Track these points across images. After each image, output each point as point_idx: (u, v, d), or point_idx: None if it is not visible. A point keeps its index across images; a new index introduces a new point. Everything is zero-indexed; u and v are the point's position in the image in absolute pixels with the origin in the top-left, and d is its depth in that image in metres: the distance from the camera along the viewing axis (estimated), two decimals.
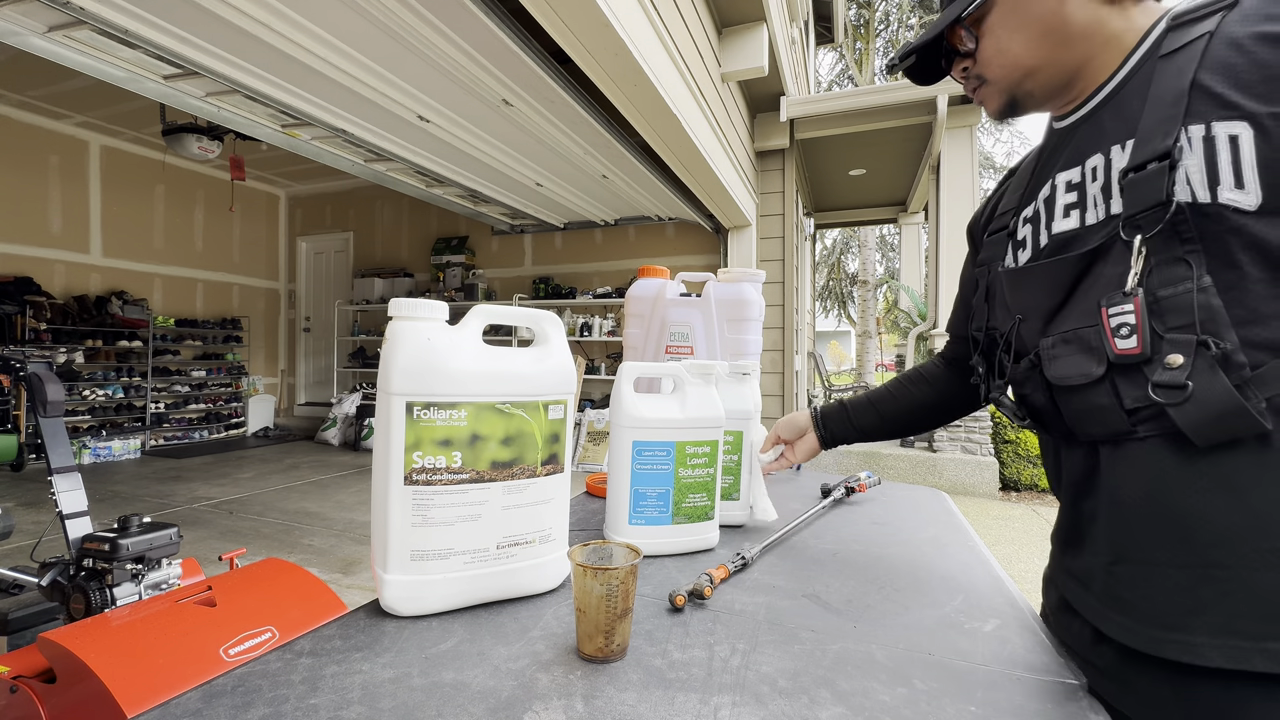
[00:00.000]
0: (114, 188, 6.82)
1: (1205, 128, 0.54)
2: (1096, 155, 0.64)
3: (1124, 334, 0.57)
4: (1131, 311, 0.57)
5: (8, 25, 2.64)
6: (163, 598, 1.39)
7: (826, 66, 17.43)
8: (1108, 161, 0.62)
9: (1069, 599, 0.71)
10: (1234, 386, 0.52)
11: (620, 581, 0.59)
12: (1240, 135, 0.53)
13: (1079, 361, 0.63)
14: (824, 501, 1.22)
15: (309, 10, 2.62)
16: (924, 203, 7.76)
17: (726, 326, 1.32)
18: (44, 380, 2.01)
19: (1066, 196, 0.67)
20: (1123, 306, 0.58)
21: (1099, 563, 0.65)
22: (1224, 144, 0.53)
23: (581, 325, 6.76)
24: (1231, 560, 0.54)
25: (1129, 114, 0.62)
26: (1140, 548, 0.60)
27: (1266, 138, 0.52)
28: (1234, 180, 0.53)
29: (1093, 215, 0.64)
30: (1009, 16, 0.68)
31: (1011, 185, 0.82)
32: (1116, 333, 0.58)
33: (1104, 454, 0.64)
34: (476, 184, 5.35)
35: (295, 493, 4.98)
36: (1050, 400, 0.68)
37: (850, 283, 17.07)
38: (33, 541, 3.33)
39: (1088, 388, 0.62)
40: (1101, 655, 0.65)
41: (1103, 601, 0.64)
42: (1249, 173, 0.52)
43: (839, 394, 9.71)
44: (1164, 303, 0.56)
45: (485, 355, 0.72)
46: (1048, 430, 0.73)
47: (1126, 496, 0.61)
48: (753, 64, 4.11)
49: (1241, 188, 0.53)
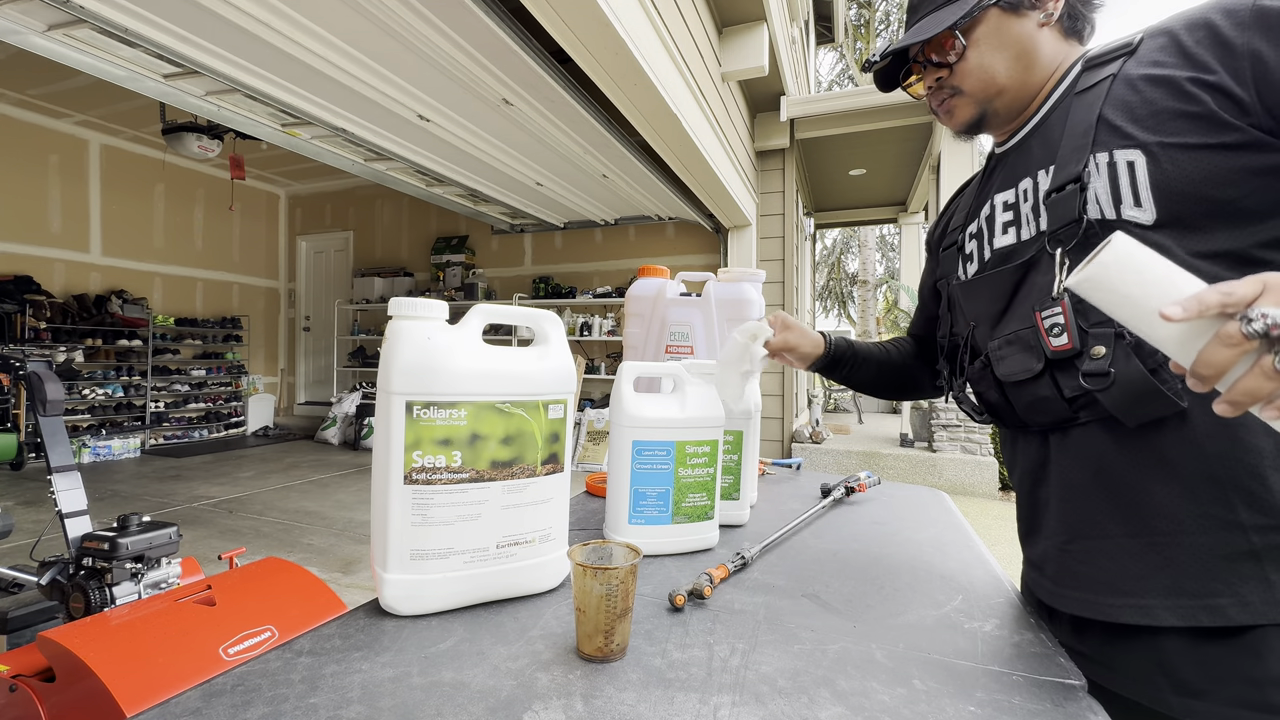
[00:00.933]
0: (114, 187, 6.82)
1: (1109, 155, 0.63)
2: (1026, 179, 0.73)
3: (1056, 333, 0.65)
4: (1060, 313, 0.64)
5: (8, 24, 2.64)
6: (162, 597, 1.39)
7: (827, 66, 17.43)
8: (1035, 184, 0.71)
9: (1030, 587, 0.77)
10: (1149, 371, 0.59)
11: (620, 581, 0.59)
12: (1136, 161, 0.61)
13: (1022, 359, 0.70)
14: (824, 501, 1.22)
15: (309, 9, 2.62)
16: (924, 202, 7.76)
17: (727, 326, 1.32)
18: (44, 379, 2.01)
19: (1004, 215, 0.76)
20: (1053, 309, 0.65)
21: (1053, 544, 0.71)
22: (1124, 169, 0.62)
23: (581, 325, 6.76)
24: (1171, 528, 0.61)
25: (1051, 142, 0.71)
26: (1092, 524, 0.67)
27: (1157, 164, 0.60)
28: (1133, 200, 0.62)
29: (1026, 231, 0.72)
30: (993, 35, 0.74)
31: (960, 202, 0.90)
32: (1050, 332, 0.65)
33: (1053, 442, 0.71)
34: (476, 183, 5.34)
35: (295, 492, 4.98)
36: (1003, 396, 0.75)
37: (850, 282, 17.07)
38: (32, 540, 3.33)
39: (1031, 382, 0.70)
40: (1085, 641, 0.69)
41: (1057, 581, 0.71)
42: (1145, 193, 0.61)
43: (839, 393, 9.71)
44: (1085, 303, 0.62)
45: (485, 355, 0.72)
46: (1003, 423, 0.80)
47: (1075, 479, 0.68)
48: (753, 63, 4.11)
49: (1139, 206, 0.61)
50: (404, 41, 2.84)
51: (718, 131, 4.15)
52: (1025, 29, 0.73)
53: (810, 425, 6.08)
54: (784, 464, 1.65)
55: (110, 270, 6.82)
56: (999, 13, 0.73)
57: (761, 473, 1.54)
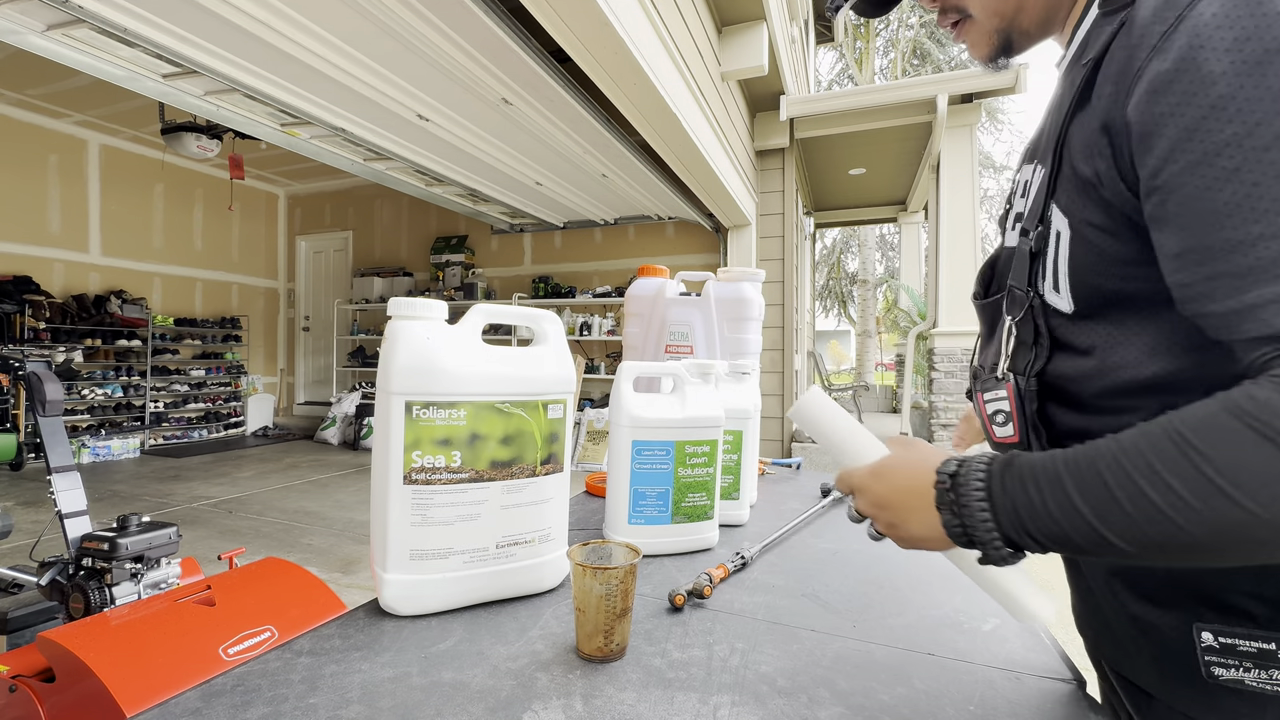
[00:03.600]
0: (113, 186, 6.81)
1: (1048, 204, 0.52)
2: (1028, 163, 0.60)
3: (1000, 421, 0.58)
4: (1005, 398, 0.57)
5: (7, 24, 2.63)
6: (162, 597, 1.38)
7: (827, 66, 17.42)
8: (1031, 179, 0.58)
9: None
10: None
11: (620, 581, 0.59)
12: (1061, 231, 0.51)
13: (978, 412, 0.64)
14: (824, 501, 1.22)
15: (309, 9, 2.62)
16: (924, 202, 7.75)
17: (726, 326, 1.32)
18: (43, 379, 2.00)
19: (1019, 204, 0.61)
20: (996, 392, 0.58)
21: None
22: (1052, 236, 0.52)
23: (581, 324, 6.76)
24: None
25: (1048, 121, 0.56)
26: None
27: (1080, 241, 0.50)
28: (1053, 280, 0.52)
29: (1011, 239, 0.60)
30: None
31: None
32: (993, 420, 0.59)
33: None
34: (476, 183, 5.34)
35: (294, 492, 4.98)
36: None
37: (850, 282, 17.06)
38: (32, 541, 3.32)
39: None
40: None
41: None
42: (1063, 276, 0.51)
43: (839, 393, 9.71)
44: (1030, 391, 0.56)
45: (484, 354, 0.72)
46: None
47: None
48: (753, 63, 4.10)
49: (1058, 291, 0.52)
50: (403, 41, 2.84)
51: (717, 131, 4.15)
52: None
53: None
54: (784, 463, 1.65)
55: (110, 270, 6.81)
56: None
57: (761, 472, 1.54)
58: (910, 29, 14.89)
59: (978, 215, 5.38)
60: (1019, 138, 16.36)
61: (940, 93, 5.05)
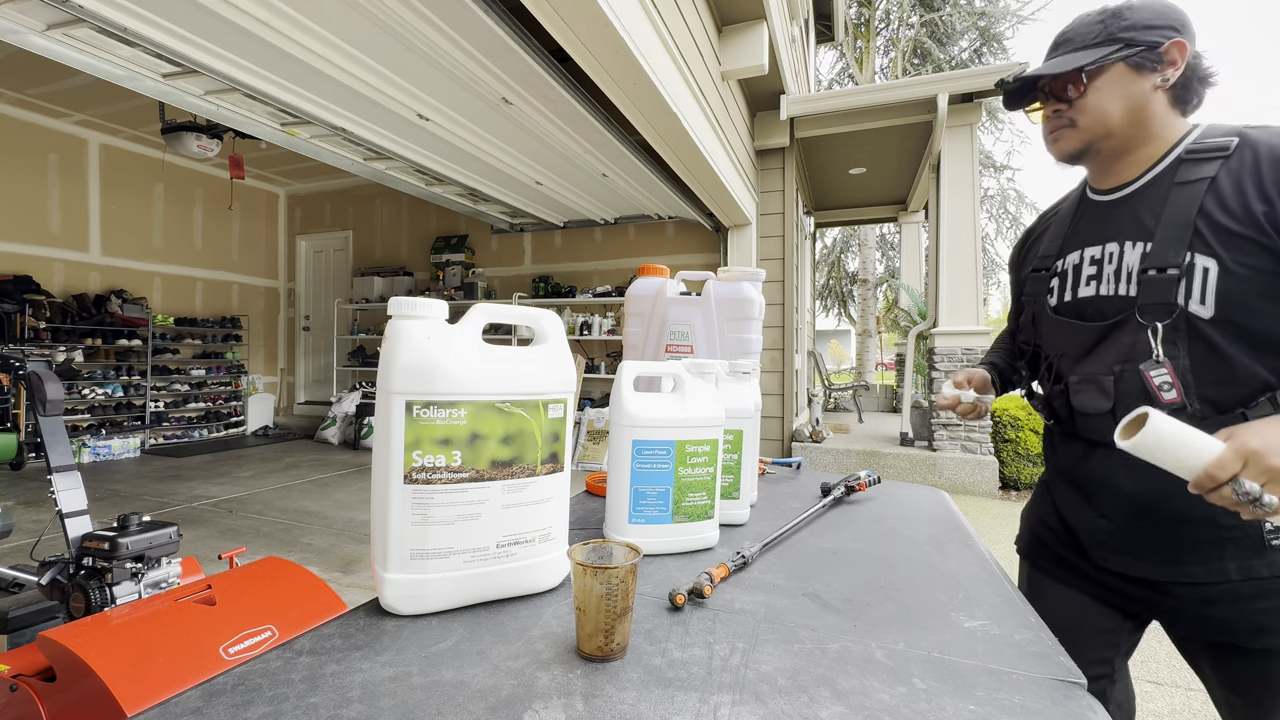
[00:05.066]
0: (113, 186, 6.81)
1: (1192, 255, 0.80)
2: (1113, 243, 0.89)
3: (1166, 389, 0.82)
4: (1167, 373, 0.82)
5: (7, 23, 2.63)
6: (162, 596, 1.39)
7: (827, 65, 17.40)
8: (1121, 251, 0.88)
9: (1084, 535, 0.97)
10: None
11: (620, 580, 0.59)
12: (1210, 268, 0.78)
13: (1094, 398, 0.90)
14: (824, 500, 1.22)
15: (308, 8, 2.61)
16: (924, 201, 7.75)
17: (726, 325, 1.32)
18: (43, 379, 2.00)
19: (1089, 269, 0.92)
20: (1158, 370, 0.82)
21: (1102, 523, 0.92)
22: (1199, 272, 0.79)
23: (581, 324, 6.76)
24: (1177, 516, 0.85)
25: (1142, 219, 0.86)
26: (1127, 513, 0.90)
27: (1226, 273, 0.78)
28: (1200, 298, 0.79)
29: (1107, 289, 0.89)
30: (1115, 84, 0.87)
31: (1048, 233, 1.05)
32: (1161, 389, 0.82)
33: (1098, 451, 0.92)
34: (476, 182, 5.34)
35: (295, 491, 4.98)
36: (1069, 413, 0.96)
37: (850, 281, 17.04)
38: (32, 540, 3.33)
39: (1097, 416, 0.90)
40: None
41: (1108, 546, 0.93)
42: (1210, 295, 0.79)
43: (839, 393, 9.71)
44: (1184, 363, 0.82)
45: (485, 354, 0.72)
46: (1060, 426, 1.00)
47: (1117, 480, 0.90)
48: (753, 62, 4.10)
49: (1204, 304, 0.79)
50: (404, 40, 2.83)
51: (717, 130, 4.15)
52: (1142, 87, 0.86)
53: (810, 424, 6.08)
54: (784, 463, 1.65)
55: (110, 270, 6.81)
56: (1125, 67, 0.86)
57: (761, 472, 1.54)
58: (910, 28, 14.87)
59: (978, 214, 5.37)
60: (1019, 137, 16.32)
61: (941, 92, 5.05)
